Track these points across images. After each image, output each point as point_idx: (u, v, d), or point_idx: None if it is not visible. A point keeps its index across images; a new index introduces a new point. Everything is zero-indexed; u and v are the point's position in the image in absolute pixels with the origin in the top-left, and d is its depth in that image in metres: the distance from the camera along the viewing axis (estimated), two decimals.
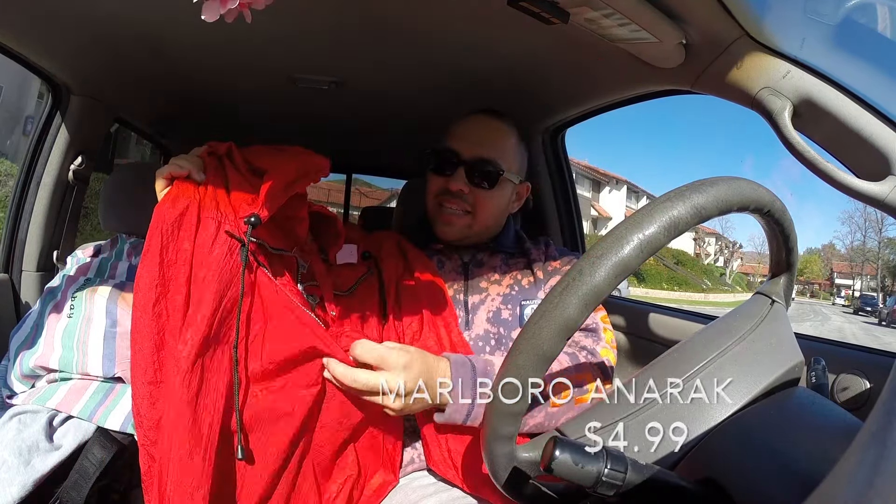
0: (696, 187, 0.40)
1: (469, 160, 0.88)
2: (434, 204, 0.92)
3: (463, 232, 0.92)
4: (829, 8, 0.65)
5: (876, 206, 0.64)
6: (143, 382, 0.58)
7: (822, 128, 0.68)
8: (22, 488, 0.72)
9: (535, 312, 0.40)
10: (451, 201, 0.89)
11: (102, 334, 0.92)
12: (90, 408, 0.85)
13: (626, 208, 25.77)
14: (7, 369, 0.92)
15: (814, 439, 0.39)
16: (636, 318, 1.31)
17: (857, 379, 0.81)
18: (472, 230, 0.92)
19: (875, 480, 0.18)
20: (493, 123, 0.93)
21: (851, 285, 35.35)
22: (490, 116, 0.94)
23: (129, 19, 0.98)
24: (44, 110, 1.23)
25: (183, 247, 0.61)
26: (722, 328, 0.49)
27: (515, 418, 0.43)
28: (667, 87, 0.96)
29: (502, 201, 0.93)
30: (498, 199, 0.92)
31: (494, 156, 0.89)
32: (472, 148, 0.89)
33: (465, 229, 0.91)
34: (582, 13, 0.71)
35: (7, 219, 1.23)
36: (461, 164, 0.88)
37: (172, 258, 0.61)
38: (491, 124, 0.93)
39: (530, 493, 0.47)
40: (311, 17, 0.97)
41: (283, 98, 1.48)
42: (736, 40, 0.71)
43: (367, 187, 7.28)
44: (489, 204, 0.91)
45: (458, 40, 1.03)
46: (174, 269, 0.61)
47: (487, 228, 0.94)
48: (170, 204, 0.63)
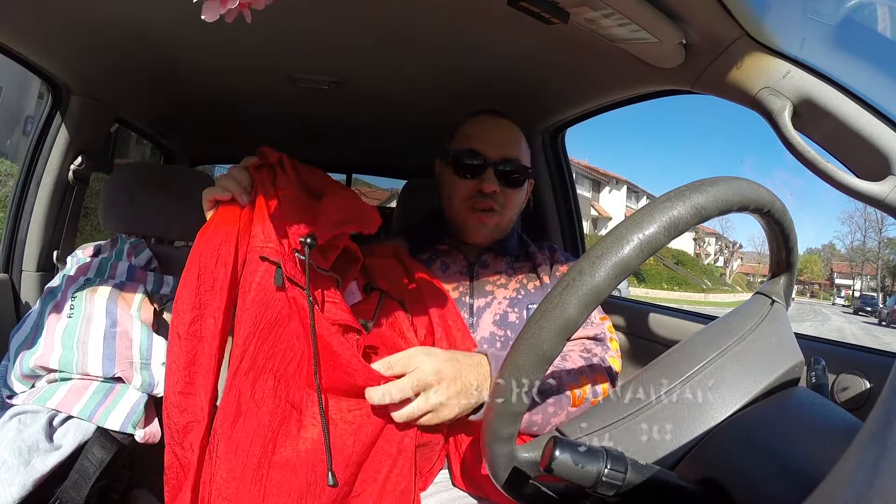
0: (696, 187, 0.40)
1: (496, 161, 0.90)
2: (464, 208, 0.91)
3: (493, 232, 0.93)
4: (829, 8, 0.65)
5: (876, 206, 0.64)
6: (175, 392, 0.62)
7: (822, 128, 0.68)
8: (22, 488, 0.72)
9: (535, 312, 0.40)
10: (484, 202, 0.90)
11: (102, 334, 0.92)
12: (90, 408, 0.85)
13: (626, 208, 25.78)
14: (7, 369, 0.92)
15: (814, 439, 0.39)
16: (636, 318, 1.31)
17: (857, 379, 0.81)
18: (499, 228, 0.93)
19: (875, 480, 0.18)
20: (507, 123, 0.95)
21: (851, 285, 35.36)
22: (500, 117, 0.95)
23: (130, 19, 0.98)
24: (44, 110, 1.23)
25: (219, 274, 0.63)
26: (722, 328, 0.49)
27: (515, 418, 0.43)
28: (667, 87, 0.96)
29: (522, 198, 0.96)
30: (521, 196, 0.95)
31: (518, 154, 0.92)
32: (498, 149, 0.90)
33: (493, 229, 0.92)
34: (582, 13, 0.71)
35: (7, 219, 1.23)
36: (489, 166, 0.89)
37: (209, 284, 0.63)
38: (506, 124, 0.94)
39: (530, 494, 0.47)
40: (311, 17, 0.97)
41: (283, 98, 1.48)
42: (736, 40, 0.71)
43: (367, 187, 7.28)
44: (516, 202, 0.94)
45: (459, 40, 1.03)
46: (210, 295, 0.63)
47: (509, 225, 0.96)
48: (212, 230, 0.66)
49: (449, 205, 0.94)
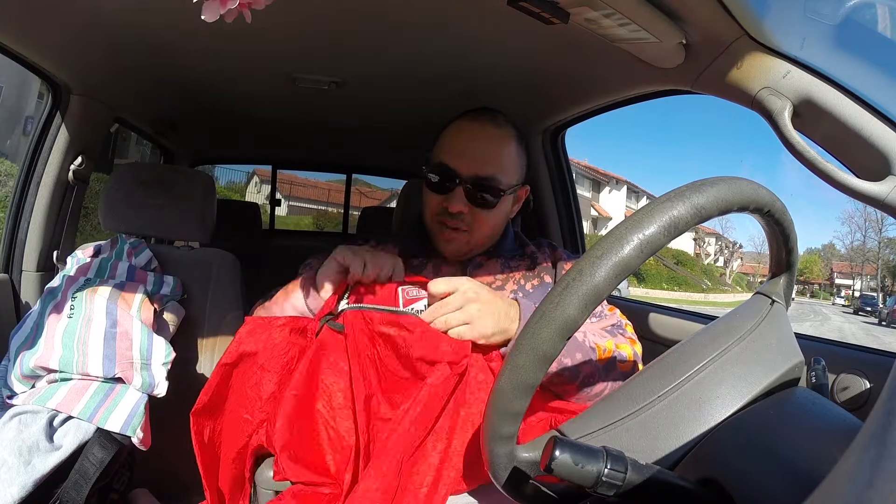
0: (696, 187, 0.40)
1: (468, 179, 0.83)
2: (433, 221, 0.89)
3: (462, 248, 0.89)
4: (829, 8, 0.65)
5: (876, 206, 0.64)
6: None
7: (822, 128, 0.68)
8: (22, 488, 0.72)
9: (536, 312, 0.40)
10: (450, 220, 0.86)
11: (103, 334, 0.92)
12: (90, 408, 0.85)
13: (626, 208, 25.76)
14: (7, 369, 0.91)
15: (814, 439, 0.39)
16: (636, 318, 1.31)
17: (857, 379, 0.81)
18: (470, 245, 0.89)
19: (875, 480, 0.18)
20: (490, 131, 0.86)
21: (851, 285, 35.33)
22: (485, 121, 0.87)
23: (130, 19, 0.98)
24: (44, 110, 1.23)
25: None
26: (722, 328, 0.49)
27: (516, 418, 0.43)
28: (667, 87, 0.96)
29: (501, 216, 0.90)
30: (496, 215, 0.88)
31: (494, 172, 0.84)
32: (471, 165, 0.83)
33: (463, 245, 0.89)
34: (582, 13, 0.71)
35: (7, 219, 1.23)
36: (460, 184, 0.84)
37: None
38: (489, 133, 0.86)
39: (530, 493, 0.47)
40: (312, 18, 0.97)
41: (283, 98, 1.48)
42: (736, 40, 0.71)
43: (367, 187, 7.28)
44: (488, 223, 0.88)
45: (459, 40, 1.03)
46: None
47: (488, 240, 0.92)
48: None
49: (423, 216, 0.92)
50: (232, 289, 1.23)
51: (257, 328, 0.72)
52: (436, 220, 0.89)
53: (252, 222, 2.58)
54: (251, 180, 10.47)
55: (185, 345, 1.10)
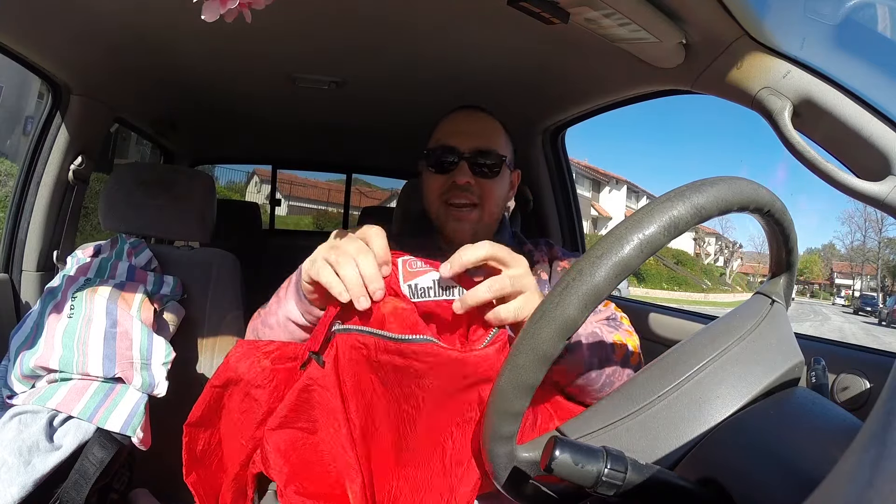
0: (696, 187, 0.40)
1: (469, 152, 0.89)
2: (439, 204, 0.91)
3: (474, 227, 0.91)
4: (829, 8, 0.65)
5: (876, 206, 0.64)
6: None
7: (822, 128, 0.68)
8: (22, 488, 0.72)
9: (535, 312, 0.40)
10: (459, 195, 0.89)
11: (103, 334, 0.92)
12: (90, 408, 0.85)
13: (626, 208, 25.78)
14: (7, 369, 0.92)
15: (814, 439, 0.39)
16: (636, 318, 1.31)
17: (857, 379, 0.81)
18: (481, 223, 0.91)
19: (875, 480, 0.18)
20: (482, 115, 0.94)
21: (851, 285, 35.35)
22: (476, 110, 0.94)
23: (130, 19, 0.98)
24: (44, 110, 1.23)
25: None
26: (722, 328, 0.49)
27: (515, 418, 0.43)
28: (667, 87, 0.96)
29: (503, 190, 0.94)
30: (500, 187, 0.92)
31: (491, 145, 0.90)
32: (470, 140, 0.89)
33: (475, 224, 0.91)
34: (582, 13, 0.71)
35: (7, 219, 1.23)
36: (462, 159, 0.89)
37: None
38: (480, 117, 0.93)
39: (530, 493, 0.47)
40: (312, 18, 0.97)
41: (283, 98, 1.48)
42: (736, 40, 0.71)
43: (367, 187, 7.29)
44: (494, 193, 0.91)
45: (459, 40, 1.03)
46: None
47: (493, 219, 0.94)
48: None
49: (429, 205, 0.94)
50: (232, 289, 1.23)
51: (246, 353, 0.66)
52: (442, 203, 0.90)
53: (252, 222, 2.58)
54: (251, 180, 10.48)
55: (185, 345, 1.10)
